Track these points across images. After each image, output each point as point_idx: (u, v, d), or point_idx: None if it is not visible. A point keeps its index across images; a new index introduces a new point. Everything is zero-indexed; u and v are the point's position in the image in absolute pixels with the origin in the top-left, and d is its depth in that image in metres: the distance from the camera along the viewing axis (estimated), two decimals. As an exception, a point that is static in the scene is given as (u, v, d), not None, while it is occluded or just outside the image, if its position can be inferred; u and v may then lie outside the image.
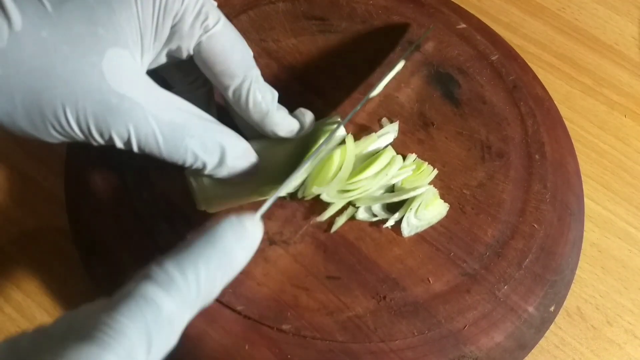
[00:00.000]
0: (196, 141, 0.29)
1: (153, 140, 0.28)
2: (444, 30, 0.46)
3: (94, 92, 0.25)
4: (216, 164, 0.30)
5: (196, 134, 0.29)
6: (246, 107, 0.32)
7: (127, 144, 0.27)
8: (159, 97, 0.28)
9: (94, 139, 0.27)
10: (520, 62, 0.46)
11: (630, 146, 0.47)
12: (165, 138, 0.28)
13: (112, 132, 0.26)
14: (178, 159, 0.29)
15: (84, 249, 0.35)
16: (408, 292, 0.33)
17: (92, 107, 0.26)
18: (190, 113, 0.29)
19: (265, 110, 0.32)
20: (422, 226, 0.36)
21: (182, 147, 0.28)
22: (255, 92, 0.31)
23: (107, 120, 0.26)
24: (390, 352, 0.32)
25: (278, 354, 0.31)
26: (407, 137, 0.40)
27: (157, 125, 0.27)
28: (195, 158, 0.29)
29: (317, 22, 0.45)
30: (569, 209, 0.39)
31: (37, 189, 0.40)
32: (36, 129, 0.26)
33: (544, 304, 0.35)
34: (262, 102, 0.32)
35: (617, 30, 0.54)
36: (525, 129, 0.41)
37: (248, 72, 0.31)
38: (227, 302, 0.32)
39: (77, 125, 0.26)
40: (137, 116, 0.27)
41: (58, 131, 0.26)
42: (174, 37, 0.29)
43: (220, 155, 0.30)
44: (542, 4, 0.55)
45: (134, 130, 0.27)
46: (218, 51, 0.30)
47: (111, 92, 0.26)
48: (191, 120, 0.29)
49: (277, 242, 0.35)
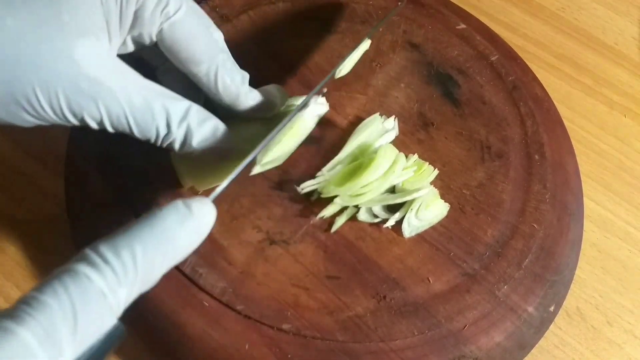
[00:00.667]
0: (164, 119, 0.29)
1: (124, 120, 0.28)
2: (443, 30, 0.46)
3: (64, 76, 0.26)
4: (183, 139, 0.30)
5: (165, 113, 0.29)
6: (216, 91, 0.32)
7: (101, 124, 0.28)
8: (128, 79, 0.28)
9: (69, 121, 0.27)
10: (520, 62, 0.46)
11: (630, 146, 0.47)
12: (135, 118, 0.28)
13: (84, 115, 0.27)
14: (151, 137, 0.29)
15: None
16: (408, 292, 0.34)
17: (64, 91, 0.26)
18: (158, 92, 0.29)
19: (235, 93, 0.32)
20: (423, 226, 0.36)
21: (152, 126, 0.29)
22: (224, 77, 0.32)
23: (80, 103, 0.26)
24: (390, 352, 0.32)
25: (278, 354, 0.31)
26: (407, 137, 0.40)
27: (128, 106, 0.28)
28: (166, 135, 0.29)
29: (317, 23, 0.45)
30: (569, 209, 0.39)
31: (37, 189, 0.40)
32: (11, 116, 0.26)
33: (544, 304, 0.35)
34: (231, 85, 0.32)
35: (617, 30, 0.54)
36: (525, 130, 0.41)
37: (214, 58, 0.31)
38: (227, 301, 0.32)
39: (51, 109, 0.26)
40: (108, 98, 0.27)
41: (33, 115, 0.26)
42: (137, 24, 0.29)
43: (186, 131, 0.30)
44: (542, 4, 0.55)
45: (105, 112, 0.27)
46: (180, 38, 0.30)
47: (81, 76, 0.26)
48: (161, 99, 0.29)
49: (277, 242, 0.35)
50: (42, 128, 0.43)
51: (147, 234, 0.22)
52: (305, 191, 0.35)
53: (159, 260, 0.23)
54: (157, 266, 0.23)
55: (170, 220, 0.23)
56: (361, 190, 0.35)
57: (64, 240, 0.37)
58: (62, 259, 0.37)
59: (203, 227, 0.24)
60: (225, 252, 0.34)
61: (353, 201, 0.35)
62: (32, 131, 0.42)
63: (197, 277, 0.33)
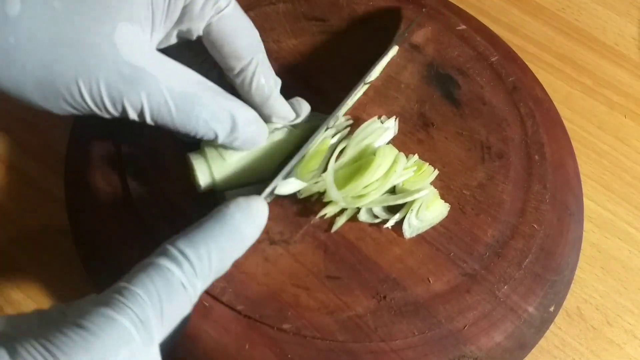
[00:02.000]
0: (207, 110, 0.29)
1: (166, 110, 0.28)
2: (443, 31, 0.46)
3: (107, 63, 0.26)
4: (228, 132, 0.31)
5: (207, 103, 0.29)
6: (249, 89, 0.32)
7: (141, 114, 0.28)
8: (171, 68, 0.28)
9: (107, 111, 0.27)
10: (520, 63, 0.46)
11: (630, 146, 0.47)
12: (177, 107, 0.28)
13: (125, 103, 0.27)
14: (190, 129, 0.30)
15: (84, 249, 0.35)
16: (408, 291, 0.33)
17: (105, 78, 0.26)
18: (201, 83, 0.30)
19: (267, 94, 0.33)
20: (423, 227, 0.36)
21: (193, 117, 0.29)
22: (260, 76, 0.32)
23: (121, 90, 0.27)
24: (391, 352, 0.32)
25: (278, 354, 0.31)
26: (407, 137, 0.40)
27: (170, 95, 0.28)
28: (207, 127, 0.30)
29: (318, 23, 0.45)
30: (569, 209, 0.39)
31: (37, 189, 0.40)
32: (47, 101, 0.26)
33: (544, 304, 0.35)
34: (265, 85, 0.33)
35: (617, 31, 0.54)
36: (525, 130, 0.41)
37: (255, 54, 0.32)
38: (227, 301, 0.32)
39: (90, 97, 0.26)
40: (150, 86, 0.27)
41: (69, 103, 0.27)
42: (185, 18, 0.29)
43: (231, 124, 0.31)
44: (542, 5, 0.55)
45: (146, 100, 0.27)
46: (227, 33, 0.30)
47: (124, 63, 0.26)
48: (202, 90, 0.29)
49: (278, 242, 0.35)
50: (42, 128, 0.43)
51: (219, 231, 0.25)
52: (304, 195, 0.35)
53: (229, 254, 0.25)
54: (227, 259, 0.25)
55: (238, 218, 0.26)
56: (363, 192, 0.35)
57: (64, 240, 0.37)
58: (62, 258, 0.37)
59: (261, 222, 0.27)
60: (226, 252, 0.34)
61: (355, 203, 0.35)
62: (32, 131, 0.42)
63: (197, 277, 0.33)
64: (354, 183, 0.34)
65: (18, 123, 0.42)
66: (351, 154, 0.36)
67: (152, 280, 0.22)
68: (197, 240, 0.24)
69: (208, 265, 0.24)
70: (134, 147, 0.37)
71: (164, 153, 0.37)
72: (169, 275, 0.23)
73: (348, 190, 0.34)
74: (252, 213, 0.26)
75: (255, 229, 0.27)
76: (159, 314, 0.22)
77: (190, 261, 0.23)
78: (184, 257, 0.23)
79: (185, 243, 0.24)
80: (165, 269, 0.23)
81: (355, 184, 0.34)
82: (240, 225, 0.26)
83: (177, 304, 0.23)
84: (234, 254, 0.26)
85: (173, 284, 0.23)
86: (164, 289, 0.22)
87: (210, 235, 0.25)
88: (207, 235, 0.24)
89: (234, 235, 0.25)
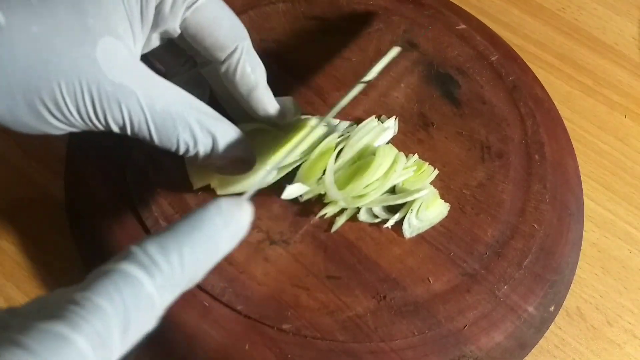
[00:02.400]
0: (187, 130, 0.29)
1: (145, 127, 0.28)
2: (443, 30, 0.46)
3: (90, 81, 0.26)
4: (208, 152, 0.30)
5: (188, 123, 0.29)
6: (233, 78, 0.32)
7: (123, 129, 0.28)
8: (152, 85, 0.28)
9: (94, 125, 0.28)
10: (520, 62, 0.46)
11: (630, 146, 0.47)
12: (157, 126, 0.28)
13: (107, 117, 0.27)
14: (170, 146, 0.29)
15: (85, 249, 0.35)
16: (408, 291, 0.33)
17: (89, 95, 0.26)
18: (183, 101, 0.29)
19: (253, 83, 0.33)
20: (423, 227, 0.36)
21: (173, 136, 0.29)
22: (245, 64, 0.32)
23: (104, 106, 0.27)
24: (391, 352, 0.32)
25: (278, 354, 0.31)
26: (407, 137, 0.40)
27: (150, 113, 0.28)
28: (187, 146, 0.30)
29: (317, 23, 0.45)
30: (569, 209, 0.39)
31: (37, 189, 0.40)
32: (39, 121, 0.27)
33: (544, 303, 0.35)
34: (251, 74, 0.32)
35: (617, 30, 0.54)
36: (525, 130, 0.41)
37: (239, 42, 0.31)
38: (227, 301, 0.32)
39: (77, 113, 0.27)
40: (131, 104, 0.27)
41: (60, 120, 0.27)
42: (159, 19, 0.29)
43: (212, 144, 0.30)
44: (542, 4, 0.55)
45: (127, 117, 0.28)
46: (206, 25, 0.30)
47: (106, 81, 0.26)
48: (184, 109, 0.29)
49: (277, 242, 0.35)
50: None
51: (196, 236, 0.22)
52: (305, 198, 0.35)
53: (203, 263, 0.22)
54: (201, 268, 0.22)
55: (217, 223, 0.22)
56: (363, 191, 0.35)
57: (64, 240, 0.37)
58: (62, 258, 0.37)
59: (242, 228, 0.24)
60: (226, 252, 0.34)
61: (355, 203, 0.35)
62: (32, 131, 0.42)
63: (197, 277, 0.33)
64: (354, 183, 0.34)
65: (18, 123, 0.42)
66: (349, 154, 0.36)
67: (118, 290, 0.19)
68: (169, 245, 0.21)
69: (180, 274, 0.21)
70: (133, 147, 0.37)
71: (164, 153, 0.36)
72: (138, 286, 0.19)
73: (348, 191, 0.34)
74: (232, 220, 0.23)
75: (236, 237, 0.24)
76: (122, 330, 0.19)
77: (161, 270, 0.20)
78: (155, 265, 0.20)
79: (156, 248, 0.21)
80: (133, 278, 0.19)
81: (355, 184, 0.34)
82: (219, 229, 0.22)
83: (144, 317, 0.20)
84: (209, 263, 0.22)
85: (141, 297, 0.19)
86: (131, 301, 0.19)
87: (185, 241, 0.21)
88: (182, 240, 0.21)
89: (210, 243, 0.22)
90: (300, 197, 0.35)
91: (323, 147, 0.36)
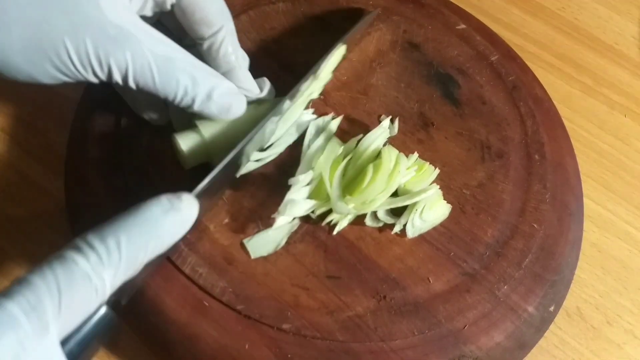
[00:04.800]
0: (187, 74, 0.30)
1: (148, 71, 0.29)
2: (443, 30, 0.46)
3: (93, 23, 0.27)
4: (204, 97, 0.32)
5: (187, 68, 0.30)
6: (216, 56, 0.34)
7: (125, 76, 0.29)
8: (152, 33, 0.29)
9: (94, 72, 0.28)
10: (520, 62, 0.46)
11: (630, 146, 0.47)
12: (159, 70, 0.29)
13: (110, 62, 0.28)
14: (170, 91, 0.31)
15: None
16: (408, 291, 0.34)
17: (92, 37, 0.27)
18: (179, 49, 0.31)
19: (232, 64, 0.34)
20: (426, 227, 0.36)
21: (174, 80, 0.30)
22: (227, 44, 0.33)
23: (107, 49, 0.27)
24: (391, 352, 0.32)
25: (278, 354, 0.31)
26: (407, 137, 0.40)
27: (152, 57, 0.29)
28: (186, 91, 0.31)
29: (317, 22, 0.45)
30: (569, 209, 0.39)
31: (37, 189, 0.40)
32: (33, 65, 0.27)
33: (544, 303, 0.35)
34: (232, 54, 0.34)
35: (617, 30, 0.54)
36: (525, 130, 0.41)
37: (225, 22, 0.33)
38: (227, 301, 0.32)
39: (77, 56, 0.27)
40: (134, 46, 0.28)
41: (56, 66, 0.27)
42: None
43: (208, 89, 0.31)
44: (542, 4, 0.55)
45: (131, 60, 0.28)
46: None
47: (109, 24, 0.27)
48: (182, 55, 0.31)
49: (277, 242, 0.35)
50: (42, 128, 0.43)
51: (132, 223, 0.24)
52: (318, 214, 0.35)
53: (142, 247, 0.24)
54: (141, 253, 0.24)
55: (154, 212, 0.25)
56: (372, 197, 0.35)
57: (64, 240, 0.37)
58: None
59: (186, 219, 0.26)
60: (225, 252, 0.34)
61: (363, 209, 0.35)
62: (32, 131, 0.42)
63: (197, 277, 0.33)
64: (365, 192, 0.34)
65: (18, 123, 0.42)
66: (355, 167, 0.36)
67: (51, 268, 0.22)
68: (106, 231, 0.23)
69: (117, 255, 0.23)
70: (133, 147, 0.37)
71: (164, 153, 0.37)
72: (72, 265, 0.22)
73: (359, 199, 0.34)
74: (172, 209, 0.25)
75: (177, 226, 0.26)
76: (55, 302, 0.21)
77: (96, 252, 0.23)
78: (90, 248, 0.23)
79: (93, 235, 0.23)
80: (69, 260, 0.22)
81: (366, 192, 0.34)
82: (156, 220, 0.25)
83: (80, 292, 0.22)
84: (149, 249, 0.24)
85: (74, 272, 0.22)
86: (64, 277, 0.22)
87: (121, 227, 0.24)
88: (118, 226, 0.24)
89: (148, 225, 0.24)
90: (312, 214, 0.35)
91: (329, 159, 0.36)
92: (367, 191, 0.34)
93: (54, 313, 0.21)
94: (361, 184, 0.34)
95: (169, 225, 0.25)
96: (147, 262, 0.25)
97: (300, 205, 0.34)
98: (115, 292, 0.24)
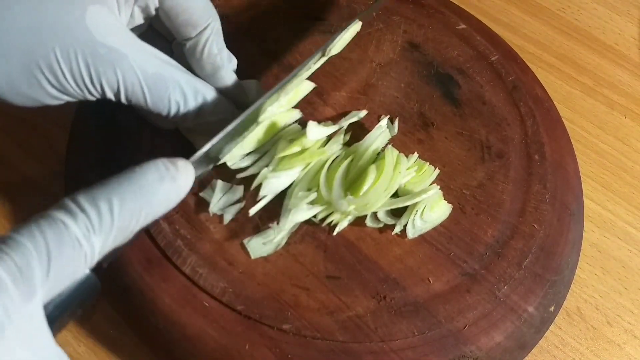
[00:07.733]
0: (178, 91, 0.31)
1: (139, 90, 0.29)
2: (443, 30, 0.46)
3: (83, 44, 0.27)
4: (197, 111, 0.32)
5: (178, 83, 0.31)
6: (200, 57, 0.33)
7: (117, 94, 0.29)
8: (141, 49, 0.30)
9: (88, 90, 0.29)
10: (520, 62, 0.46)
11: (630, 146, 0.47)
12: (150, 87, 0.30)
13: (102, 82, 0.28)
14: (163, 108, 0.31)
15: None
16: (408, 292, 0.33)
17: (83, 57, 0.28)
18: (171, 63, 0.31)
19: (219, 64, 0.34)
20: (426, 228, 0.36)
21: (165, 96, 0.30)
22: (212, 44, 0.33)
23: (98, 69, 0.28)
24: (391, 352, 0.32)
25: (278, 354, 0.31)
26: (407, 137, 0.40)
27: (143, 75, 0.29)
28: (178, 107, 0.31)
29: (317, 23, 0.45)
30: (569, 209, 0.39)
31: (37, 189, 0.40)
32: (33, 88, 0.28)
33: (544, 304, 0.35)
34: (217, 54, 0.33)
35: (617, 30, 0.54)
36: (525, 130, 0.41)
37: (211, 22, 0.33)
38: (227, 301, 0.32)
39: (71, 76, 0.28)
40: (124, 66, 0.28)
41: (54, 85, 0.28)
42: None
43: (201, 103, 0.32)
44: (542, 4, 0.55)
45: (122, 80, 0.29)
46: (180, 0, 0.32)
47: (98, 44, 0.28)
48: (173, 71, 0.31)
49: (277, 242, 0.35)
50: (42, 128, 0.43)
51: (125, 187, 0.23)
52: (320, 217, 0.35)
53: (135, 214, 0.23)
54: (133, 219, 0.23)
55: (150, 177, 0.23)
56: (375, 198, 0.35)
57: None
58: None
59: (182, 186, 0.25)
60: (226, 252, 0.34)
61: (365, 210, 0.35)
62: (32, 131, 0.42)
63: (197, 277, 0.33)
64: (367, 195, 0.34)
65: (18, 123, 0.42)
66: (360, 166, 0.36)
67: (41, 230, 0.20)
68: (98, 194, 0.22)
69: (109, 221, 0.22)
70: (133, 147, 0.37)
71: (164, 153, 0.36)
72: (62, 228, 0.21)
73: (359, 201, 0.34)
74: (169, 175, 0.24)
75: (172, 193, 0.24)
76: (44, 267, 0.20)
77: (87, 215, 0.21)
78: (81, 211, 0.21)
79: (84, 197, 0.22)
80: (58, 221, 0.21)
81: (368, 195, 0.34)
82: (151, 186, 0.23)
83: (69, 258, 0.21)
84: (141, 215, 0.23)
85: (64, 237, 0.21)
86: (53, 240, 0.20)
87: (114, 190, 0.22)
88: (111, 190, 0.22)
89: (143, 192, 0.23)
90: (314, 218, 0.35)
91: (330, 155, 0.36)
92: (369, 194, 0.34)
93: (41, 278, 0.20)
94: (363, 186, 0.34)
95: (164, 192, 0.24)
96: (137, 230, 0.24)
97: (301, 214, 0.34)
98: None
